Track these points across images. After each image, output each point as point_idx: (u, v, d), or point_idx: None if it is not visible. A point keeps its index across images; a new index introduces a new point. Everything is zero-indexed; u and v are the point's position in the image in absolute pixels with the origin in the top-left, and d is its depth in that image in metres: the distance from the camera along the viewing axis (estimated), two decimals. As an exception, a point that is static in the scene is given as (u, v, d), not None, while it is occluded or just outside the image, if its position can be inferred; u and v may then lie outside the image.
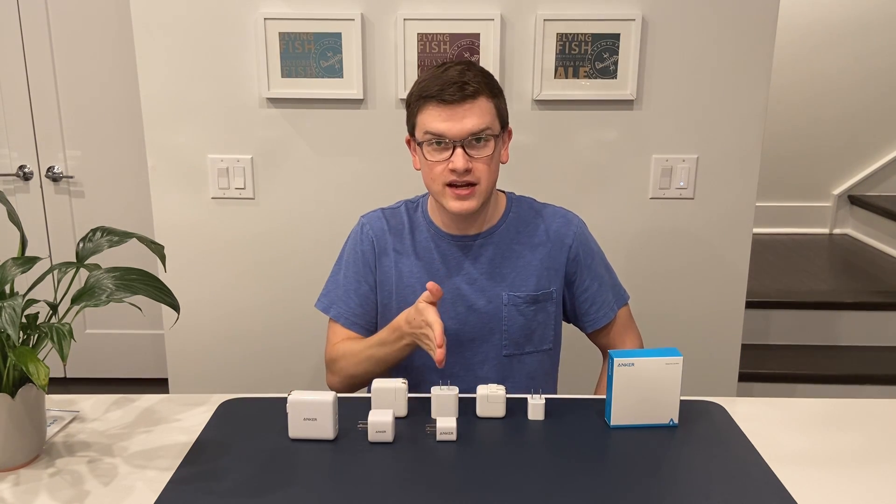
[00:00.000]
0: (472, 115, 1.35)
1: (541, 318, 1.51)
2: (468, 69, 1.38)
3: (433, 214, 1.52)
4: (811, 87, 3.71)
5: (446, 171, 1.37)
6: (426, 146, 1.39)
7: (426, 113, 1.38)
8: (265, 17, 1.93)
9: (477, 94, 1.36)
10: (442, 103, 1.35)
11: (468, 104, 1.35)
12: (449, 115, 1.35)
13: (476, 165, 1.37)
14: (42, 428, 1.18)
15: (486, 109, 1.37)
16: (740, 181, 2.05)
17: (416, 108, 1.40)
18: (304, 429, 1.21)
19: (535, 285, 1.50)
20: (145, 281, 1.16)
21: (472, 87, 1.35)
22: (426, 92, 1.37)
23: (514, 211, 1.53)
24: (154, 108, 2.03)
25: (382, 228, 1.53)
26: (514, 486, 1.09)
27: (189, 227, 2.11)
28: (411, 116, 1.43)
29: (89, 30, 2.79)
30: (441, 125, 1.36)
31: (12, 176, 2.93)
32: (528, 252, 1.51)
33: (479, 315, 1.49)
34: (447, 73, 1.37)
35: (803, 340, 2.78)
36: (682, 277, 2.13)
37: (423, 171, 1.43)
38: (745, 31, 1.95)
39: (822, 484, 1.13)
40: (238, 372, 2.21)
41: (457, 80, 1.35)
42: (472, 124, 1.35)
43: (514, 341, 1.50)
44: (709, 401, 1.37)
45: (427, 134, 1.38)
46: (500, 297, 1.49)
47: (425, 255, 1.50)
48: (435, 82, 1.36)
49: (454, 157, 1.36)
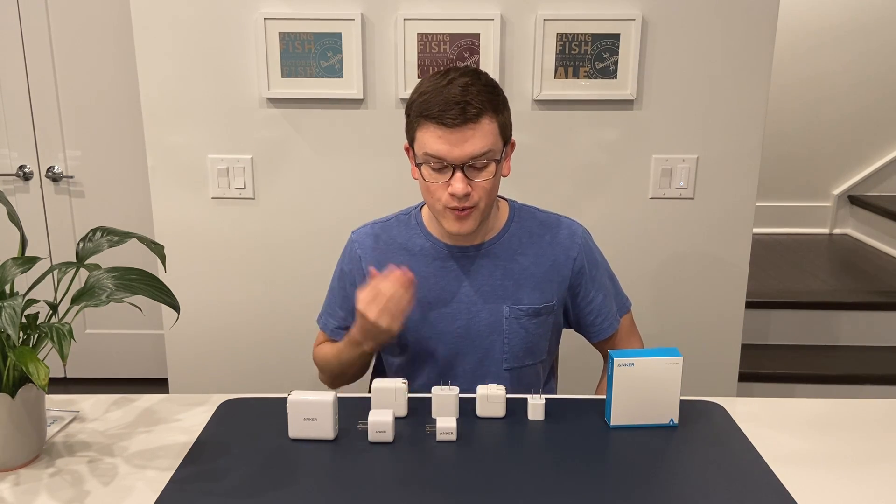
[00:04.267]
0: (474, 140, 1.30)
1: (541, 330, 1.48)
2: (472, 84, 1.31)
3: (430, 225, 1.48)
4: (811, 87, 3.71)
5: (445, 192, 1.33)
6: (425, 167, 1.34)
7: (426, 132, 1.32)
8: (265, 17, 1.93)
9: (479, 116, 1.30)
10: (442, 126, 1.29)
11: (470, 128, 1.29)
12: (449, 139, 1.29)
13: (475, 189, 1.32)
14: (42, 428, 1.18)
15: (489, 131, 1.31)
16: (740, 181, 2.06)
17: (416, 123, 1.34)
18: (304, 429, 1.21)
19: (539, 298, 1.46)
20: (145, 281, 1.16)
21: (475, 108, 1.29)
22: (426, 111, 1.31)
23: (516, 221, 1.48)
24: (154, 107, 2.03)
25: (371, 245, 1.49)
26: (514, 486, 1.09)
27: (189, 227, 2.11)
28: (410, 128, 1.37)
29: (89, 30, 2.79)
30: (441, 147, 1.30)
31: (12, 176, 2.93)
32: (531, 264, 1.46)
33: (480, 329, 1.45)
34: (450, 88, 1.30)
35: (803, 340, 2.78)
36: (682, 277, 2.13)
37: (422, 188, 1.39)
38: (745, 31, 1.95)
39: (822, 484, 1.13)
40: (238, 372, 2.21)
41: (459, 100, 1.28)
42: (472, 149, 1.30)
43: (515, 355, 1.47)
44: (709, 401, 1.37)
45: (426, 155, 1.32)
46: (500, 310, 1.45)
47: (424, 269, 1.45)
48: (436, 100, 1.29)
49: (453, 181, 1.31)
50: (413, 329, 1.45)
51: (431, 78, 1.35)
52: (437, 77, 1.34)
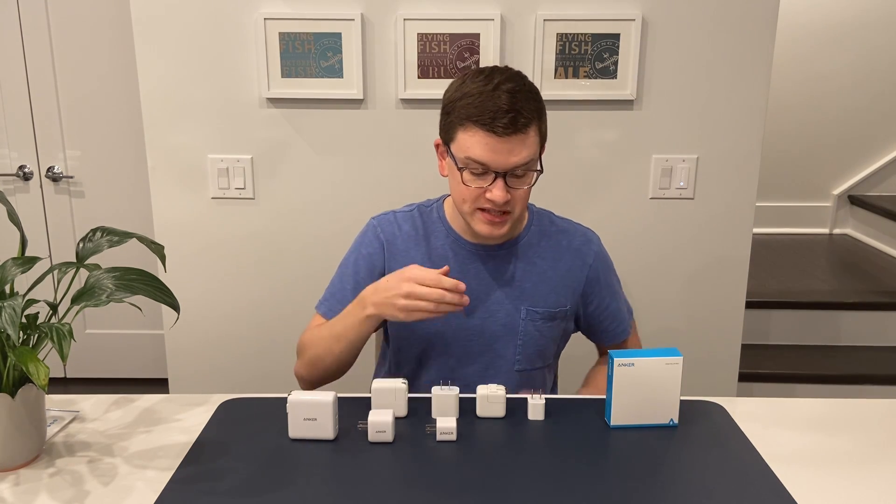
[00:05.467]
0: (521, 150, 1.28)
1: (553, 334, 1.48)
2: (519, 90, 1.27)
3: (453, 220, 1.46)
4: (811, 87, 3.71)
5: (482, 197, 1.31)
6: (466, 171, 1.31)
7: (471, 137, 1.28)
8: (265, 17, 1.93)
9: (528, 127, 1.28)
10: (492, 134, 1.26)
11: (519, 138, 1.27)
12: (497, 147, 1.27)
13: (514, 196, 1.32)
14: (42, 428, 1.18)
15: (534, 141, 1.30)
16: (740, 181, 2.06)
17: (460, 125, 1.30)
18: (304, 429, 1.21)
19: (555, 301, 1.46)
20: (145, 281, 1.16)
21: (525, 118, 1.26)
22: (476, 116, 1.27)
23: (535, 224, 1.49)
24: (154, 107, 2.03)
25: (394, 233, 1.47)
26: (514, 486, 1.09)
27: (189, 227, 2.11)
28: (449, 128, 1.33)
29: (89, 30, 2.79)
30: (486, 155, 1.27)
31: (12, 176, 2.93)
32: (548, 268, 1.46)
33: (495, 329, 1.45)
34: (498, 93, 1.26)
35: (803, 340, 2.78)
36: (682, 277, 2.13)
37: (454, 189, 1.36)
38: (745, 31, 1.95)
39: (822, 484, 1.13)
40: (238, 372, 2.21)
41: (510, 109, 1.25)
42: (518, 158, 1.28)
43: (528, 357, 1.47)
44: (709, 401, 1.37)
45: (469, 159, 1.29)
46: (518, 310, 1.44)
47: (441, 263, 1.44)
48: (486, 106, 1.26)
49: (494, 188, 1.29)
50: (428, 323, 1.43)
51: (474, 79, 1.31)
52: (481, 80, 1.30)
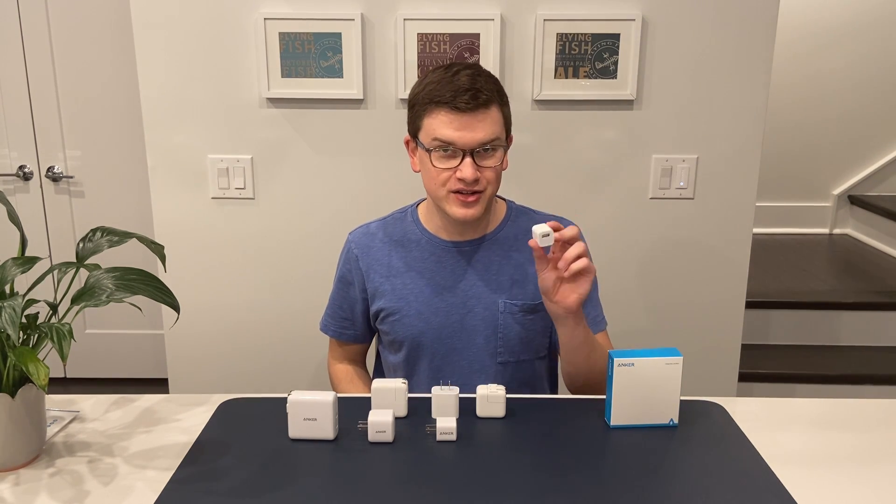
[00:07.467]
0: (484, 125, 1.32)
1: (538, 326, 1.49)
2: (478, 74, 1.34)
3: (427, 222, 1.50)
4: (811, 87, 3.71)
5: (453, 178, 1.35)
6: (434, 153, 1.35)
7: (436, 118, 1.34)
8: (265, 17, 1.93)
9: (489, 103, 1.33)
10: (454, 110, 1.31)
11: (481, 113, 1.32)
12: (461, 124, 1.32)
13: (483, 174, 1.35)
14: (42, 428, 1.18)
15: (497, 119, 1.35)
16: (740, 181, 2.05)
17: (424, 111, 1.36)
18: (304, 429, 1.21)
19: (533, 294, 1.47)
20: (145, 281, 1.16)
21: (485, 95, 1.32)
22: (437, 97, 1.33)
23: (512, 220, 1.51)
24: (154, 108, 2.03)
25: (369, 244, 1.52)
26: (514, 486, 1.09)
27: (189, 227, 2.11)
28: (415, 119, 1.39)
29: (89, 30, 2.79)
30: (452, 133, 1.32)
31: (12, 176, 2.93)
32: (525, 260, 1.48)
33: (475, 323, 1.47)
34: (458, 77, 1.32)
35: (803, 340, 2.78)
36: (682, 277, 2.13)
37: (426, 176, 1.40)
38: (745, 31, 1.95)
39: (822, 484, 1.13)
40: (238, 372, 2.21)
41: (469, 87, 1.31)
42: (483, 134, 1.32)
43: (510, 349, 1.48)
44: (709, 401, 1.37)
45: (436, 141, 1.34)
46: (496, 304, 1.46)
47: (419, 265, 1.48)
48: (447, 87, 1.32)
49: (463, 166, 1.33)
50: (410, 324, 1.47)
51: (435, 71, 1.37)
52: (442, 70, 1.37)
